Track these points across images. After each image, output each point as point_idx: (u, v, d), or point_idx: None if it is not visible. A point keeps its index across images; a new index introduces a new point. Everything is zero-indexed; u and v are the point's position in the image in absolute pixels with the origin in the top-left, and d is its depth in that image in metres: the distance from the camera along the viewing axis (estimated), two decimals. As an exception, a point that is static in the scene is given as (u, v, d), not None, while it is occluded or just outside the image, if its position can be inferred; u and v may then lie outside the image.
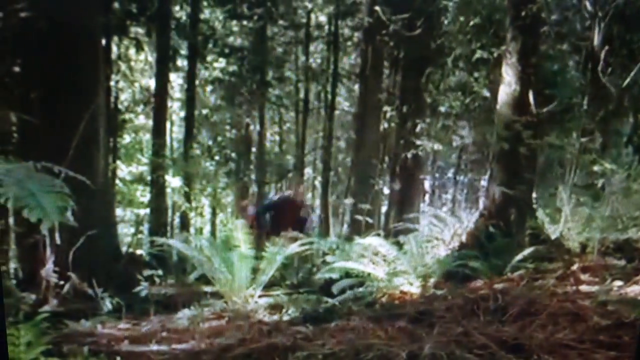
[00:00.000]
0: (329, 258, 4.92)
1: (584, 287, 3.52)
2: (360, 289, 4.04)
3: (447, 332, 2.78)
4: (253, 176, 11.36)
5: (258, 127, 11.53)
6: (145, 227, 8.46)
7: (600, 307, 3.05)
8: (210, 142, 11.52)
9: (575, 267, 3.92)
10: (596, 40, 5.20)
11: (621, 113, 5.79)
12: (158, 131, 8.66)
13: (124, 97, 10.60)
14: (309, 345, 2.72)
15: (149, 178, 8.61)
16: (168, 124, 10.54)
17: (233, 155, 11.41)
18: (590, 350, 2.47)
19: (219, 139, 11.77)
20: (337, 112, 11.68)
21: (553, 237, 4.53)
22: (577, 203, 4.45)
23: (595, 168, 4.68)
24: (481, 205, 5.24)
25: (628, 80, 4.93)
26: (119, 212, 8.50)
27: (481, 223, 4.92)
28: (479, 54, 7.12)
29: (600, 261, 3.92)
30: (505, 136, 4.83)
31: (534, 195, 5.08)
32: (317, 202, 9.63)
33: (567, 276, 3.82)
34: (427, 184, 10.90)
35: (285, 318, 3.62)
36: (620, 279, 3.56)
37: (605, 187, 4.37)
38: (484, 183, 6.70)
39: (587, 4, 5.45)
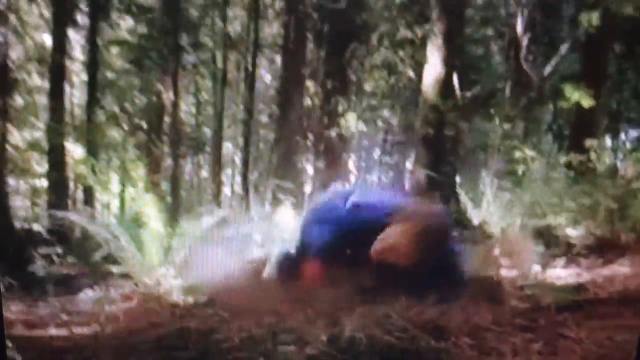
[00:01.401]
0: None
1: (503, 272, 3.62)
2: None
3: (368, 314, 2.73)
4: (166, 149, 10.76)
5: (171, 96, 10.87)
6: (42, 200, 7.84)
7: (518, 291, 3.16)
8: (116, 109, 10.73)
9: (496, 251, 4.01)
10: (519, 27, 5.31)
11: (542, 101, 6.03)
12: (55, 94, 7.92)
13: (15, 54, 9.56)
14: (225, 329, 2.57)
15: (46, 145, 7.92)
16: (67, 87, 9.70)
17: (143, 124, 10.72)
18: (507, 332, 2.54)
19: (127, 105, 11.00)
20: (258, 85, 11.30)
21: (475, 221, 4.62)
22: (499, 188, 4.56)
23: (517, 155, 4.83)
24: (406, 188, 5.25)
25: (549, 69, 5.11)
26: (11, 182, 7.78)
27: (406, 205, 4.91)
28: (403, 32, 7.07)
29: (520, 246, 4.04)
30: (431, 119, 4.83)
31: (457, 179, 5.16)
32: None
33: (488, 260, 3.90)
34: (351, 164, 10.94)
35: (202, 300, 3.38)
36: (538, 264, 3.69)
37: (526, 174, 4.51)
38: (409, 165, 6.78)
39: (512, -10, 5.55)
